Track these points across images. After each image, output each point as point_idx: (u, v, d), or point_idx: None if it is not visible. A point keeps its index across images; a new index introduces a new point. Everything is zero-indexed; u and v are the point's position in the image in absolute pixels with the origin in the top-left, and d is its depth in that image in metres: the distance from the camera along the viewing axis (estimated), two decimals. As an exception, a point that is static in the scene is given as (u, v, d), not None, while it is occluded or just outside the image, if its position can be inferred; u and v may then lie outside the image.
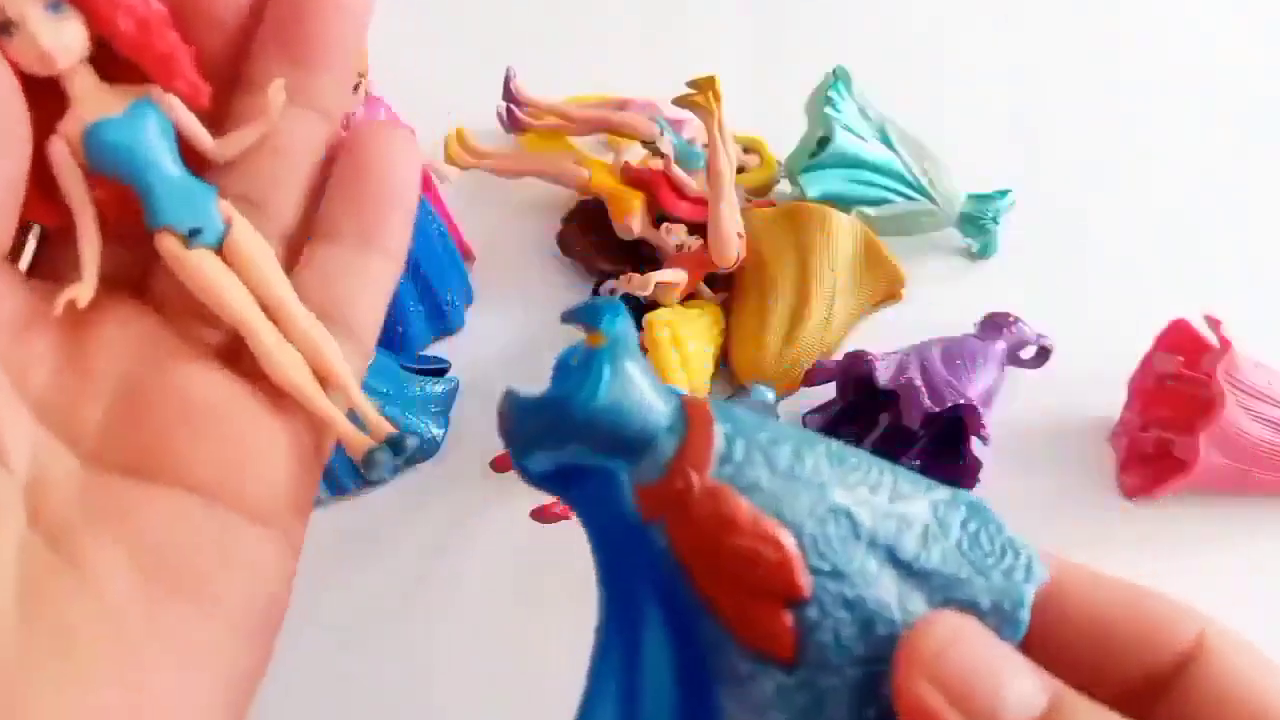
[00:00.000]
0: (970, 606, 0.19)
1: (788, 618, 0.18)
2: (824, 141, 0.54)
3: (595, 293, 0.53)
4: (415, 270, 0.49)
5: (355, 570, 0.44)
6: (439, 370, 0.49)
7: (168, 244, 0.21)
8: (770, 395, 0.49)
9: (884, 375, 0.45)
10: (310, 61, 0.22)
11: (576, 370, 0.19)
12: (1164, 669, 0.19)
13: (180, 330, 0.23)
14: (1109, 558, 0.46)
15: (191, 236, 0.21)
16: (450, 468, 0.47)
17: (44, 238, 0.23)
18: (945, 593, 0.19)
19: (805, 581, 0.18)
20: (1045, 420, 0.51)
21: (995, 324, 0.50)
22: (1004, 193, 0.56)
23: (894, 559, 0.19)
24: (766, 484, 0.18)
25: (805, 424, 0.49)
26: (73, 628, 0.19)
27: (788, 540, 0.18)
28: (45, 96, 0.20)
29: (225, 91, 0.23)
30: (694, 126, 0.55)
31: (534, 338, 0.53)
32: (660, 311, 0.49)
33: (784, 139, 0.57)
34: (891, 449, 0.47)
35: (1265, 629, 0.44)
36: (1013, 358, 0.50)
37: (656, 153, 0.52)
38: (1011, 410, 0.50)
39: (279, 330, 0.22)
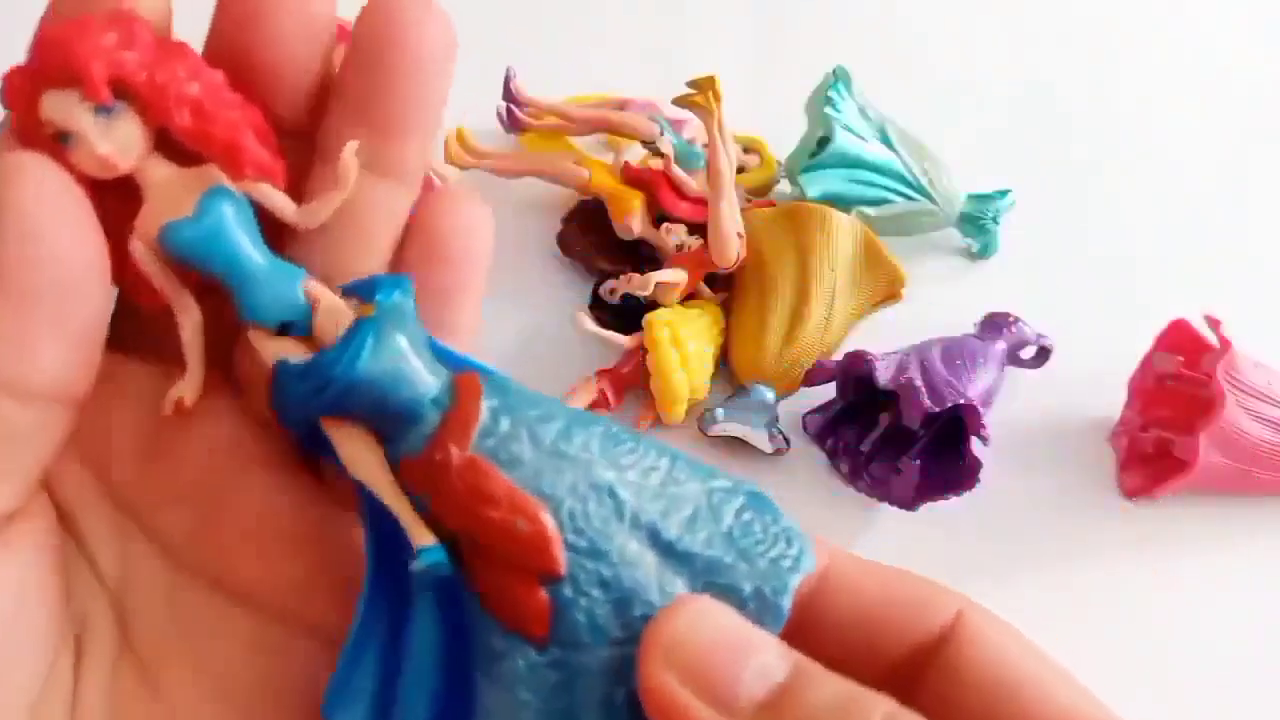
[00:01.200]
0: (731, 591, 0.19)
1: (542, 594, 0.18)
2: (824, 141, 0.54)
3: (595, 293, 0.53)
4: (415, 270, 0.49)
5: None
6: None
7: (258, 338, 0.20)
8: (770, 395, 0.49)
9: (884, 375, 0.45)
10: (388, 126, 0.21)
11: (341, 340, 0.19)
12: (925, 646, 0.19)
13: (272, 427, 0.22)
14: (1109, 558, 0.46)
15: (282, 330, 0.20)
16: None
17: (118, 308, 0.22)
18: (707, 576, 0.19)
19: (560, 558, 0.18)
20: (1045, 420, 0.51)
21: (995, 324, 0.50)
22: (1004, 193, 0.56)
23: (656, 540, 0.19)
24: (529, 459, 0.18)
25: (805, 424, 0.49)
26: None
27: (544, 515, 0.18)
28: (123, 190, 0.19)
29: (302, 157, 0.21)
30: (694, 126, 0.55)
31: (534, 338, 0.53)
32: (660, 311, 0.49)
33: (784, 139, 0.57)
34: (891, 449, 0.48)
35: (1265, 629, 0.44)
36: (1013, 358, 0.50)
37: (656, 153, 0.52)
38: (1011, 410, 0.50)
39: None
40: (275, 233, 0.21)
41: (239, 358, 0.22)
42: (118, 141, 0.18)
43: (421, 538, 0.19)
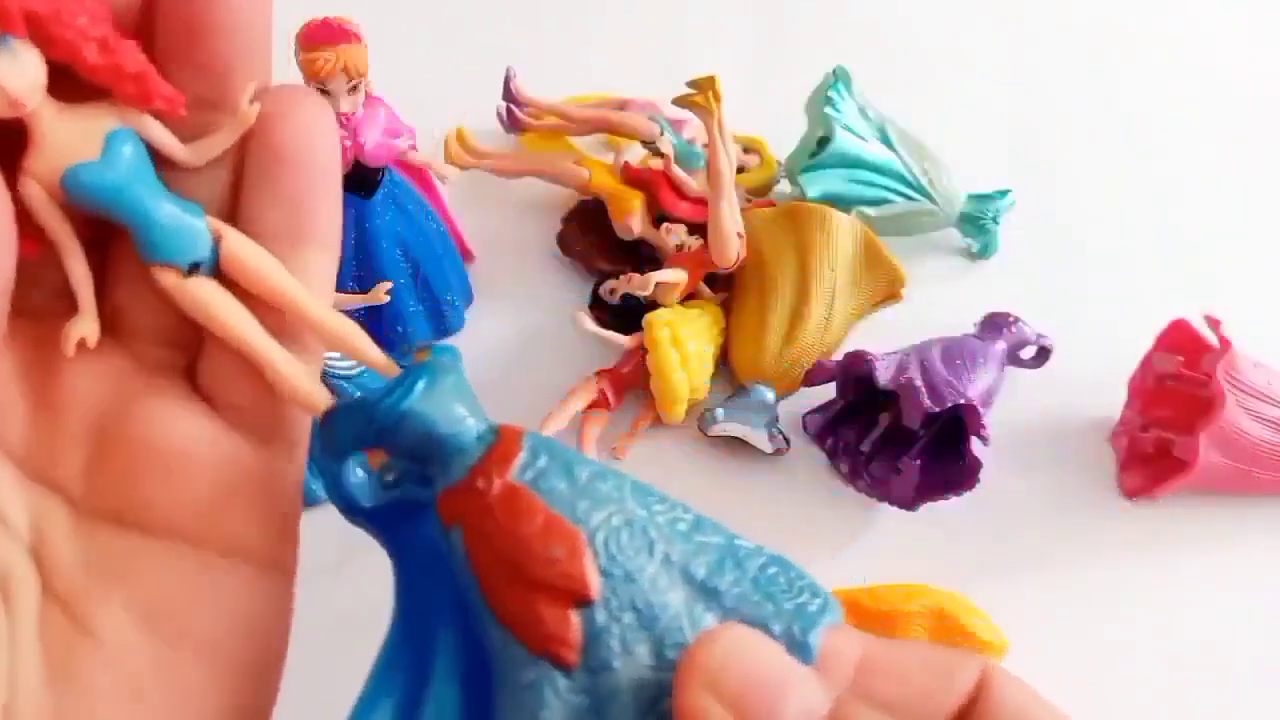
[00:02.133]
0: (760, 627, 0.19)
1: (574, 619, 0.18)
2: (824, 141, 0.54)
3: (595, 293, 0.53)
4: (415, 270, 0.49)
5: (355, 569, 0.44)
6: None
7: (167, 279, 0.20)
8: (770, 395, 0.49)
9: (884, 375, 0.45)
10: (214, 67, 0.21)
11: (395, 380, 0.20)
12: (958, 712, 0.19)
13: (151, 360, 0.22)
14: (1109, 558, 0.46)
15: (192, 270, 0.20)
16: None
17: None
18: (735, 614, 0.19)
19: (595, 581, 0.18)
20: (1045, 420, 0.51)
21: (995, 324, 0.50)
22: (1004, 193, 0.56)
23: (686, 575, 0.19)
24: (564, 491, 0.19)
25: (805, 424, 0.49)
26: (98, 700, 0.19)
27: (580, 540, 0.18)
28: None
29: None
30: (694, 126, 0.55)
31: (534, 338, 0.53)
32: (660, 311, 0.49)
33: (784, 139, 0.57)
34: (891, 449, 0.48)
35: (1265, 629, 0.44)
36: (1013, 358, 0.50)
37: (656, 153, 0.52)
38: (1011, 410, 0.50)
39: (311, 327, 0.22)
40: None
41: (118, 297, 0.22)
42: (26, 78, 0.18)
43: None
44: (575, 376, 0.49)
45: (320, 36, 0.42)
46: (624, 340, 0.49)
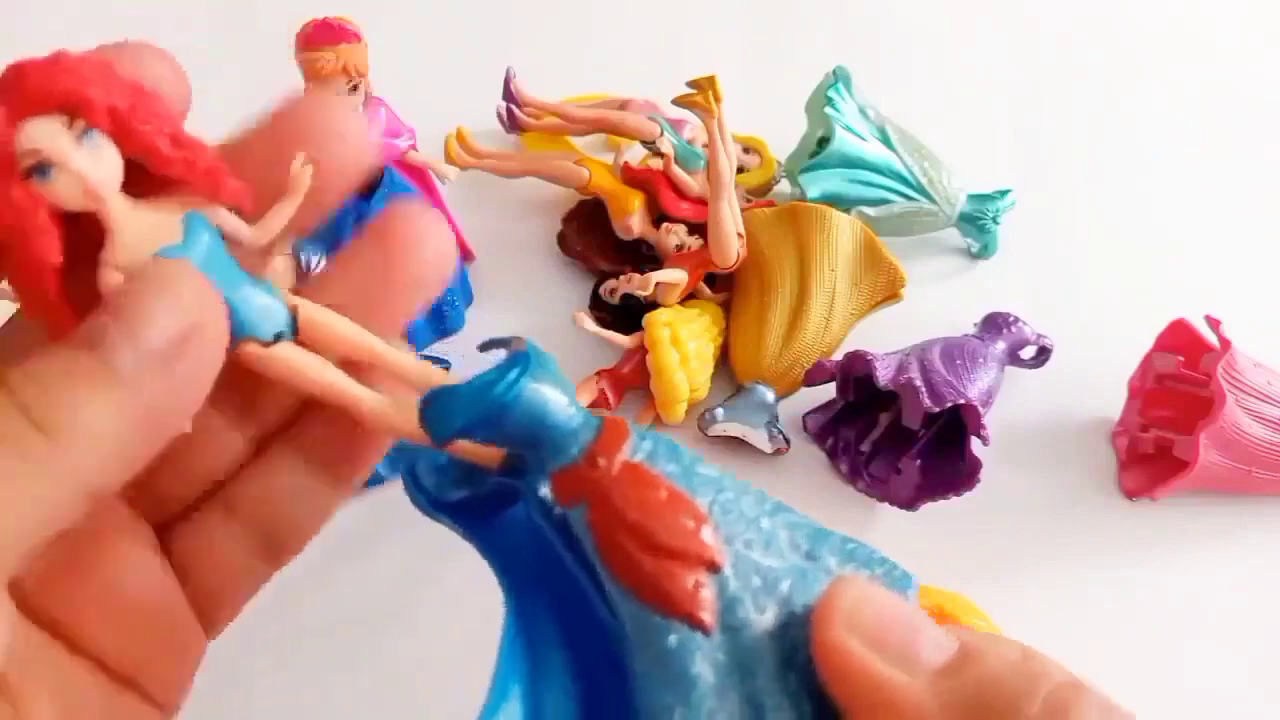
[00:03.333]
0: None
1: (707, 583, 0.19)
2: (824, 141, 0.54)
3: (595, 293, 0.53)
4: (415, 270, 0.49)
5: (356, 569, 0.44)
6: (439, 370, 0.49)
7: (252, 352, 0.20)
8: (770, 395, 0.49)
9: (884, 375, 0.45)
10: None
11: (498, 367, 0.20)
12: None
13: (139, 502, 0.23)
14: (1109, 557, 0.46)
15: (275, 341, 0.20)
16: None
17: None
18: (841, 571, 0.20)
19: (722, 549, 0.19)
20: (1045, 420, 0.51)
21: (995, 324, 0.50)
22: (1004, 193, 0.56)
23: (793, 544, 0.20)
24: (675, 471, 0.20)
25: (805, 424, 0.49)
26: None
27: (702, 509, 0.19)
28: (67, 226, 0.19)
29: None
30: (694, 126, 0.55)
31: (534, 338, 0.53)
32: (660, 311, 0.49)
33: (784, 139, 0.57)
34: (891, 449, 0.48)
35: (1265, 628, 0.44)
36: (1013, 358, 0.50)
37: (656, 153, 0.52)
38: (1011, 410, 0.50)
39: (390, 374, 0.22)
40: None
41: None
42: (105, 169, 0.18)
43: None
44: (575, 376, 0.49)
45: (320, 36, 0.42)
46: (624, 340, 0.49)
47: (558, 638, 0.20)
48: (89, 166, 0.18)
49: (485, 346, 0.22)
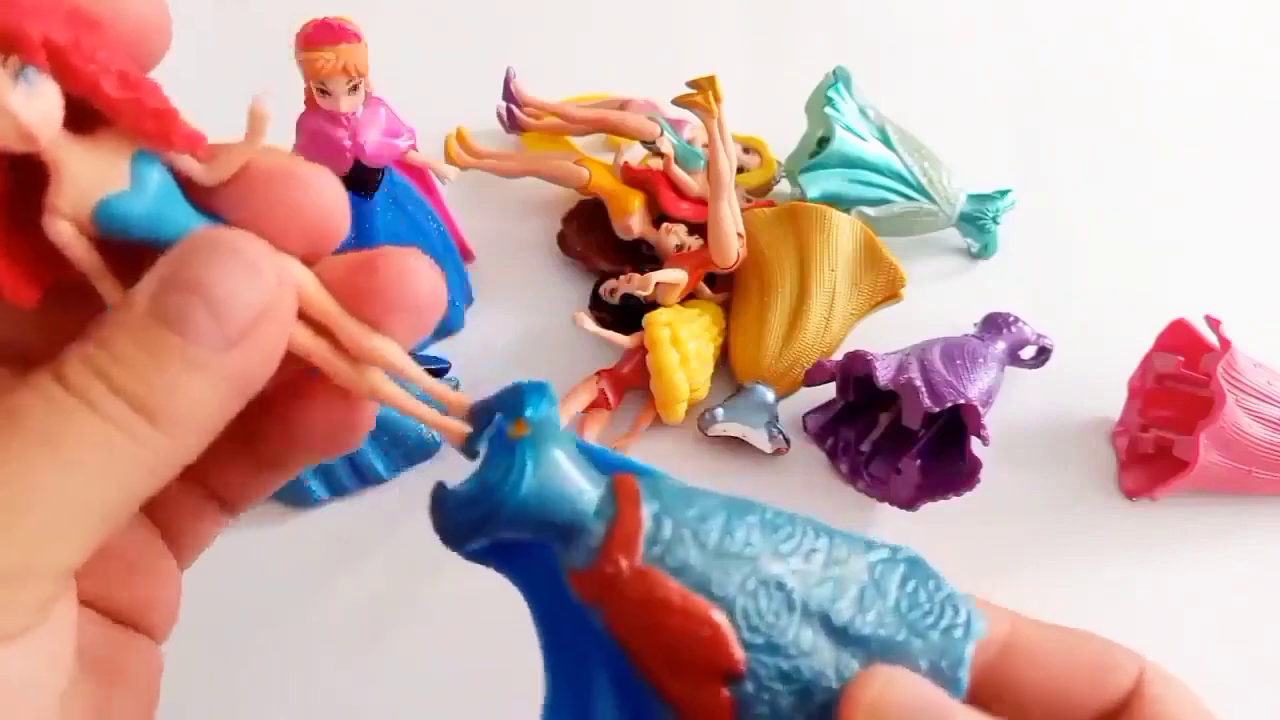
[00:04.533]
0: (909, 666, 0.19)
1: (725, 694, 0.18)
2: (824, 141, 0.54)
3: (595, 293, 0.53)
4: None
5: (355, 569, 0.44)
6: (438, 371, 0.49)
7: None
8: (770, 395, 0.49)
9: (884, 375, 0.45)
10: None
11: (503, 461, 0.19)
12: (1110, 710, 0.20)
13: None
14: (1109, 558, 0.46)
15: None
16: (450, 467, 0.47)
17: None
18: (882, 657, 0.19)
19: (740, 657, 0.18)
20: (1045, 420, 0.51)
21: (995, 324, 0.50)
22: (1004, 193, 0.56)
23: (829, 626, 0.19)
24: (696, 562, 0.19)
25: (805, 424, 0.49)
26: None
27: (719, 618, 0.18)
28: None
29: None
30: (694, 126, 0.55)
31: (534, 338, 0.53)
32: (660, 311, 0.49)
33: (784, 139, 0.57)
34: (891, 449, 0.48)
35: (1265, 628, 0.44)
36: (1013, 358, 0.50)
37: (656, 153, 0.52)
38: (1011, 410, 0.50)
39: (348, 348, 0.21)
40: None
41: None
42: (42, 109, 0.17)
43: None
44: (575, 376, 0.49)
45: (321, 36, 0.42)
46: (624, 340, 0.49)
47: (609, 686, 0.20)
48: (22, 105, 0.16)
49: (485, 408, 0.20)
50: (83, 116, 0.18)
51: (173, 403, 0.17)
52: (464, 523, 0.19)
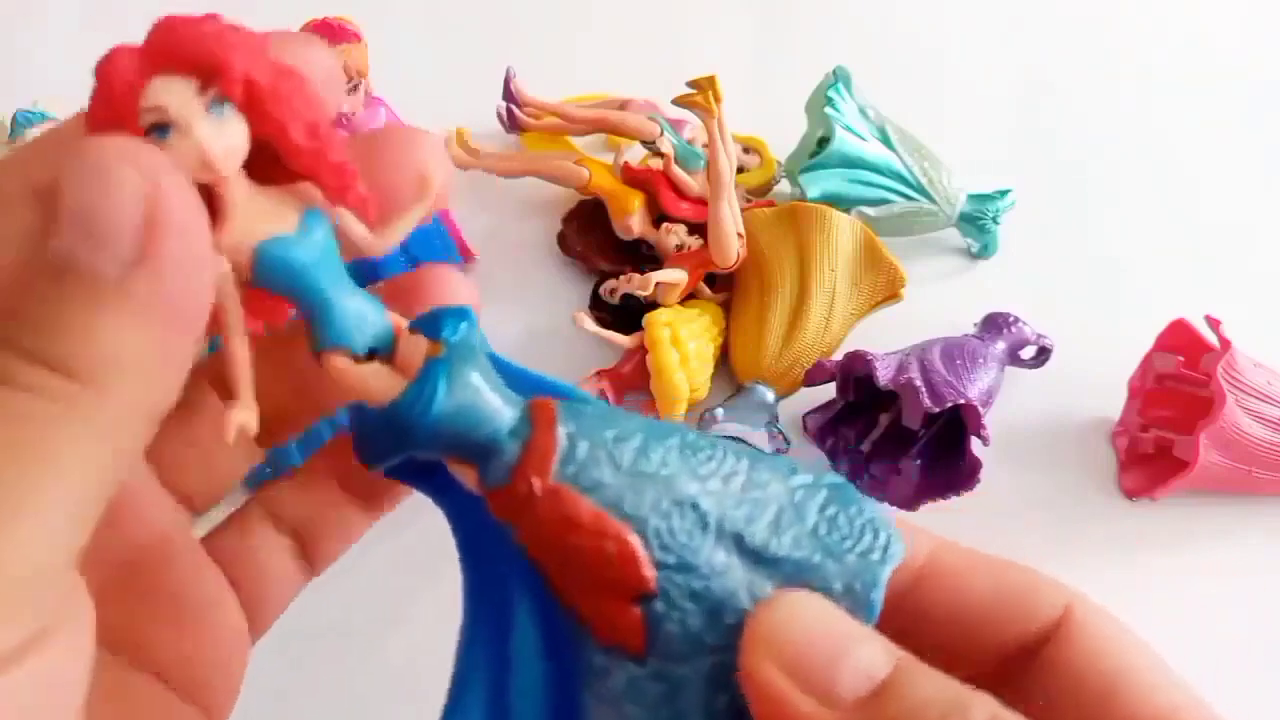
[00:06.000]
0: (822, 590, 0.19)
1: (635, 611, 0.18)
2: (824, 141, 0.54)
3: (595, 292, 0.53)
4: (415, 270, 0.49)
5: (355, 568, 0.44)
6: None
7: (339, 363, 0.19)
8: (770, 395, 0.49)
9: (884, 375, 0.45)
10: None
11: (414, 382, 0.19)
12: (1031, 640, 0.20)
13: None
14: (1109, 558, 0.46)
15: (369, 357, 0.19)
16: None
17: None
18: (797, 578, 0.19)
19: (650, 575, 0.18)
20: (1045, 420, 0.51)
21: (995, 324, 0.50)
22: (1004, 193, 0.56)
23: (742, 547, 0.19)
24: (609, 481, 0.19)
25: (805, 424, 0.49)
26: None
27: (631, 537, 0.18)
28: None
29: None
30: (694, 126, 0.55)
31: (534, 337, 0.53)
32: (660, 311, 0.49)
33: (784, 139, 0.57)
34: (891, 449, 0.48)
35: (1266, 628, 0.44)
36: (1013, 358, 0.50)
37: (656, 153, 0.52)
38: (1011, 410, 0.50)
39: None
40: None
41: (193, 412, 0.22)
42: (227, 143, 0.17)
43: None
44: (575, 376, 0.49)
45: (320, 36, 0.42)
46: (624, 340, 0.49)
47: (530, 621, 0.20)
48: (210, 137, 0.17)
49: (413, 326, 0.20)
50: (266, 161, 0.18)
51: (89, 350, 0.15)
52: (379, 442, 0.19)
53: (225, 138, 0.17)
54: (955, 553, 0.21)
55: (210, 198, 0.17)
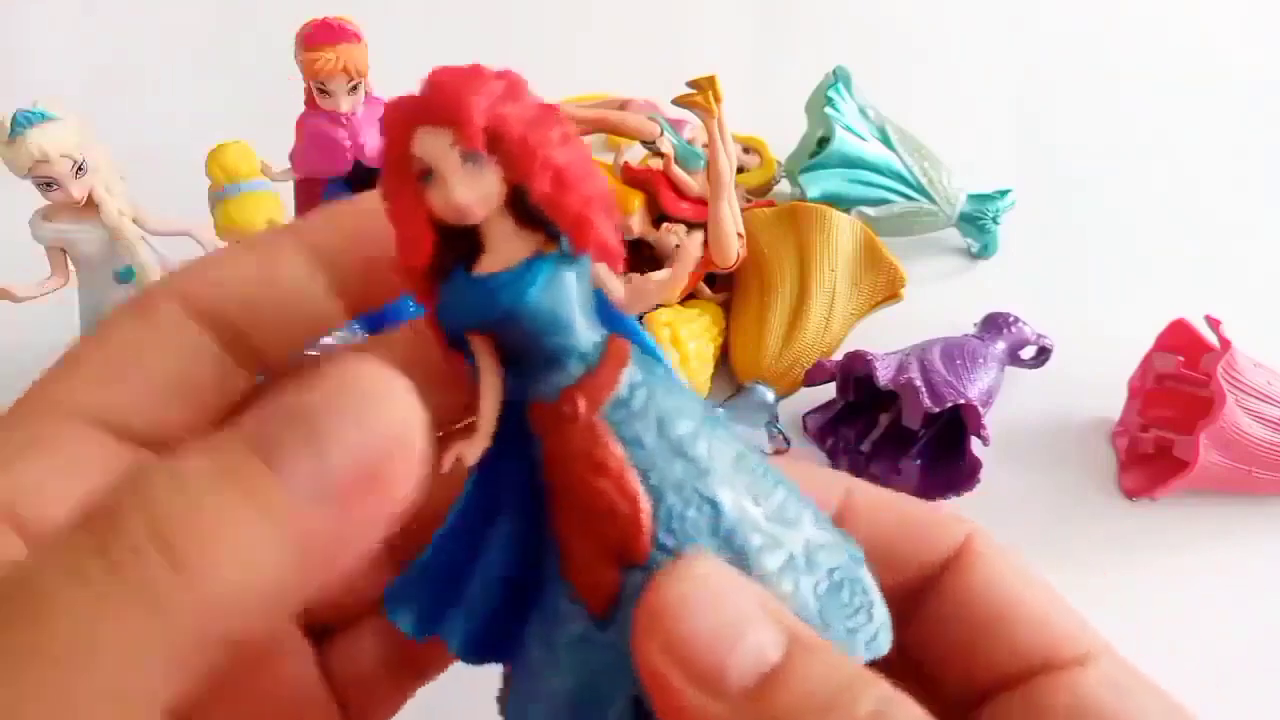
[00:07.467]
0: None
1: (615, 576, 0.18)
2: (824, 141, 0.54)
3: (595, 293, 0.53)
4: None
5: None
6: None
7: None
8: (770, 395, 0.49)
9: (884, 375, 0.45)
10: None
11: (518, 266, 0.19)
12: (934, 569, 0.21)
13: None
14: (1109, 558, 0.46)
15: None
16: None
17: None
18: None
19: (645, 549, 0.18)
20: (1045, 420, 0.51)
21: (995, 324, 0.50)
22: (1004, 193, 0.56)
23: (743, 567, 0.18)
24: (650, 444, 0.18)
25: (805, 424, 0.49)
26: None
27: (644, 504, 0.18)
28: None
29: None
30: (694, 126, 0.55)
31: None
32: (660, 311, 0.49)
33: (784, 139, 0.57)
34: (891, 449, 0.48)
35: (1265, 628, 0.44)
36: (1013, 358, 0.50)
37: (656, 153, 0.52)
38: (1011, 410, 0.50)
39: None
40: None
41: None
42: (476, 191, 0.18)
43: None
44: (575, 376, 0.49)
45: (321, 36, 0.42)
46: (624, 340, 0.49)
47: (517, 506, 0.19)
48: (458, 184, 0.18)
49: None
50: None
51: (217, 558, 0.14)
52: (461, 305, 0.19)
53: (476, 187, 0.18)
54: (867, 492, 0.22)
55: (474, 231, 0.19)
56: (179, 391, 0.19)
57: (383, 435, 0.15)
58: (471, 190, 0.18)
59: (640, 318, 0.48)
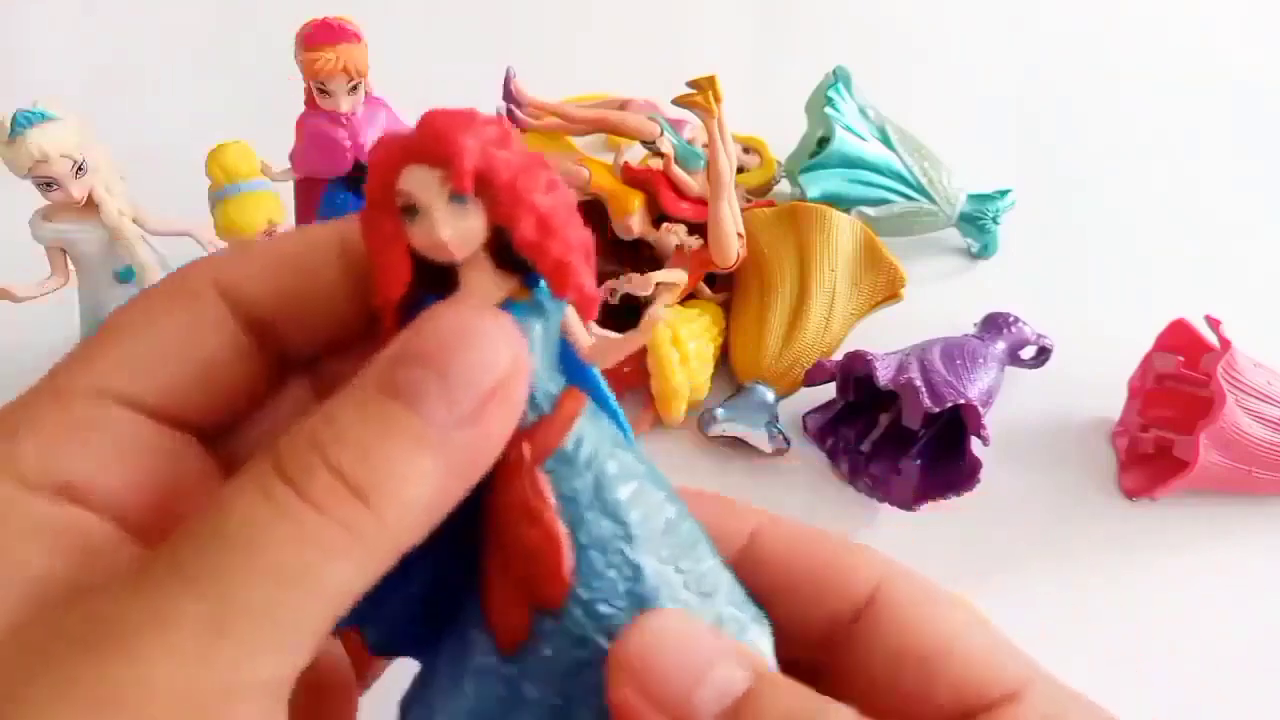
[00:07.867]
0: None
1: (525, 616, 0.18)
2: (824, 141, 0.54)
3: (595, 293, 0.53)
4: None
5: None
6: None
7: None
8: (770, 395, 0.49)
9: (884, 375, 0.45)
10: None
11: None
12: (846, 616, 0.20)
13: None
14: (1109, 558, 0.46)
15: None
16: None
17: None
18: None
19: (559, 600, 0.18)
20: (1045, 420, 0.51)
21: (995, 324, 0.50)
22: (1004, 193, 0.56)
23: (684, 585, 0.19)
24: (585, 501, 0.19)
25: (805, 424, 0.49)
26: None
27: (567, 558, 0.18)
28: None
29: None
30: (694, 126, 0.55)
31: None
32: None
33: (784, 139, 0.57)
34: (891, 449, 0.48)
35: (1265, 628, 0.44)
36: (1013, 358, 0.50)
37: (656, 153, 0.52)
38: (1011, 410, 0.50)
39: None
40: None
41: None
42: (460, 232, 0.18)
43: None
44: (575, 376, 0.49)
45: (321, 36, 0.42)
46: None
47: (455, 527, 0.19)
48: (442, 222, 0.18)
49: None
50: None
51: (392, 482, 0.16)
52: None
53: (461, 227, 0.18)
54: (776, 532, 0.21)
55: (450, 268, 0.19)
56: (210, 377, 0.20)
57: (496, 362, 0.18)
58: (456, 229, 0.18)
59: (643, 311, 0.48)
